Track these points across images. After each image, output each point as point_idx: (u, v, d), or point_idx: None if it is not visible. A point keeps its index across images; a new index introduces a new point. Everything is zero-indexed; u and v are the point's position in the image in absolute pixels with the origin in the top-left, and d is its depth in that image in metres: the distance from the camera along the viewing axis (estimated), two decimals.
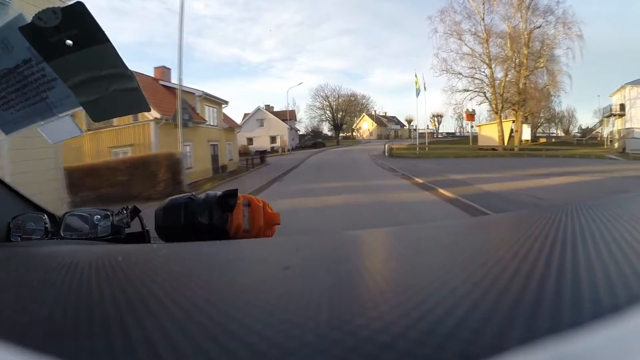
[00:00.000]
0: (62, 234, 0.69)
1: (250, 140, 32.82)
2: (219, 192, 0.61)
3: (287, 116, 35.42)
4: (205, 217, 0.58)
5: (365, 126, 48.86)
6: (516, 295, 0.16)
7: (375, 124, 48.25)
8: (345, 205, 6.36)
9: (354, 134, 49.41)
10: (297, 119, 42.44)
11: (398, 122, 52.61)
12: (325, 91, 45.90)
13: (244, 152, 23.56)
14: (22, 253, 0.47)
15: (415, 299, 0.17)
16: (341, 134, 44.96)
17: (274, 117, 34.62)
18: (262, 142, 32.27)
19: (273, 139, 33.75)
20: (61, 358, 0.14)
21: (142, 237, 0.73)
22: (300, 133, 42.78)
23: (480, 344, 0.13)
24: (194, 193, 0.62)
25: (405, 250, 0.30)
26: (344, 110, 45.22)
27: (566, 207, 0.37)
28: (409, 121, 50.14)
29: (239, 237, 0.59)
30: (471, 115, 28.03)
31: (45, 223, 0.69)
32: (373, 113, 49.04)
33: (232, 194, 0.60)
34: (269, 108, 37.36)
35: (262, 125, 34.08)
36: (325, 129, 46.59)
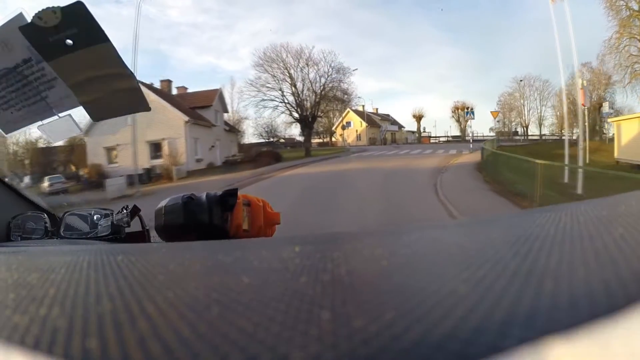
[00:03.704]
0: (62, 234, 0.69)
1: (110, 152, 15.43)
2: (219, 192, 0.61)
3: (191, 100, 16.72)
4: (206, 217, 0.58)
5: (350, 125, 30.90)
6: (515, 295, 0.16)
7: (365, 124, 31.32)
8: None
9: (334, 138, 31.11)
10: (233, 110, 23.03)
11: (394, 122, 36.54)
12: (283, 56, 22.62)
13: (92, 178, 12.21)
14: (22, 253, 0.47)
15: (415, 299, 0.17)
16: (317, 139, 25.57)
17: (163, 101, 15.26)
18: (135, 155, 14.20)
19: (156, 148, 15.50)
20: (61, 358, 0.14)
21: (142, 237, 0.73)
22: (247, 142, 23.79)
23: (479, 344, 0.13)
24: (194, 192, 0.62)
25: (405, 250, 0.30)
26: (321, 95, 22.40)
27: (566, 207, 0.37)
28: (419, 117, 33.36)
29: (239, 237, 0.59)
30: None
31: (45, 223, 0.69)
32: (361, 109, 30.64)
33: (232, 194, 0.60)
34: (164, 84, 18.53)
35: (132, 120, 13.41)
36: (296, 132, 25.59)
